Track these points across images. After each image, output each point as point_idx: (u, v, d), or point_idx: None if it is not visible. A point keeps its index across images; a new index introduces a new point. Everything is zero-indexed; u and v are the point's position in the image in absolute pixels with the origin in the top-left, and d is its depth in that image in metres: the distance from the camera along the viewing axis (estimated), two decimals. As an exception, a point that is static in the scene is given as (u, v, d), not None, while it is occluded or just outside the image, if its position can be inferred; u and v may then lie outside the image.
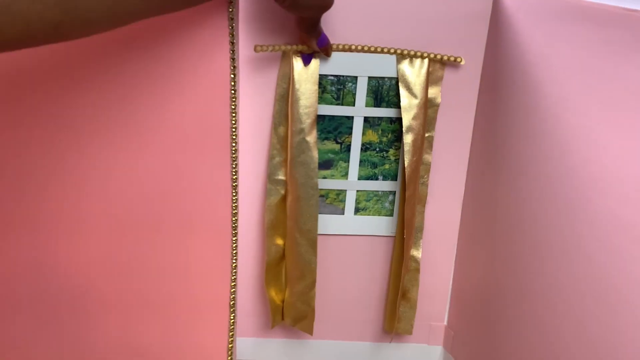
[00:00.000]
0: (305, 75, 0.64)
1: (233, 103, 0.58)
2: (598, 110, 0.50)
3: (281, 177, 0.68)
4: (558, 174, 0.55)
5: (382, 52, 0.64)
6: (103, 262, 0.65)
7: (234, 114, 0.59)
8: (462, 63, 0.65)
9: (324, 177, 0.70)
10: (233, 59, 0.56)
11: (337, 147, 0.69)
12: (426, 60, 0.64)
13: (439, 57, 0.65)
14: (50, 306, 0.66)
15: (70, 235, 0.63)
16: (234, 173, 0.62)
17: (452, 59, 0.65)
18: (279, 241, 0.71)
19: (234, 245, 0.64)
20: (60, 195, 0.62)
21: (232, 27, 0.55)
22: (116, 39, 0.56)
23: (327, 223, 0.71)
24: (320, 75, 0.65)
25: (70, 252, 0.64)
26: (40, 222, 0.63)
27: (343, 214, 0.72)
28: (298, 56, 0.63)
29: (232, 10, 0.54)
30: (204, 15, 0.56)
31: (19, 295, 0.66)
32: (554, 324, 0.56)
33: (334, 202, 0.71)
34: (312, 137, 0.65)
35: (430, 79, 0.65)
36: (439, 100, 0.67)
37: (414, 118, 0.65)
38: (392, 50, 0.64)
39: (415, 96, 0.65)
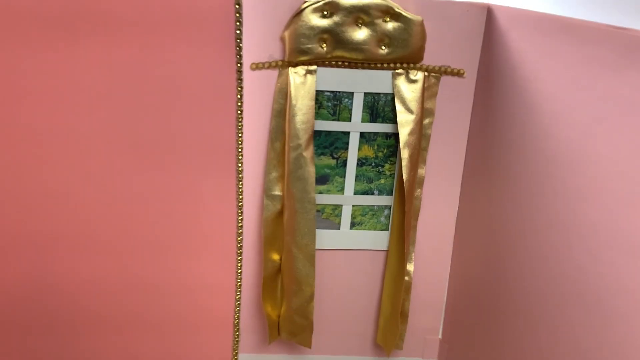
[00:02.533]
0: (303, 91, 0.64)
1: (239, 123, 0.58)
2: (588, 125, 0.51)
3: (277, 192, 0.68)
4: (549, 186, 0.56)
5: (377, 68, 0.65)
6: (106, 280, 0.64)
7: (240, 134, 0.59)
8: (465, 75, 0.66)
9: (320, 192, 0.70)
10: (240, 80, 0.57)
11: (333, 162, 0.69)
12: (422, 76, 0.66)
13: (442, 68, 0.66)
14: (50, 325, 0.65)
15: (71, 253, 0.63)
16: (239, 192, 0.62)
17: (455, 70, 0.66)
18: (275, 256, 0.71)
19: (239, 265, 0.64)
20: (62, 213, 0.62)
21: (239, 47, 0.56)
22: (117, 61, 0.56)
23: (323, 238, 0.72)
24: (316, 91, 0.65)
25: (71, 271, 0.64)
26: (41, 240, 0.62)
27: (339, 228, 0.72)
28: (295, 72, 0.64)
29: (239, 24, 0.55)
30: (209, 32, 0.56)
31: (19, 314, 0.65)
32: (550, 336, 0.57)
33: (330, 217, 0.72)
34: (309, 153, 0.65)
35: (426, 94, 0.66)
36: (433, 115, 0.68)
37: (411, 133, 0.66)
38: (387, 66, 0.65)
39: (411, 111, 0.66)
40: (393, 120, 0.68)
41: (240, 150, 0.60)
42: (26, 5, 0.54)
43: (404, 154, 0.66)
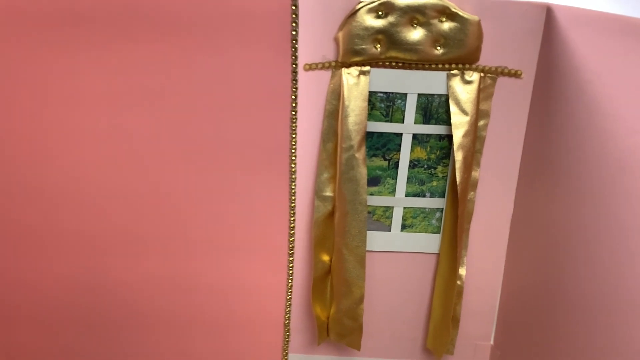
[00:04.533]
0: (355, 92, 0.64)
1: (293, 124, 0.58)
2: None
3: (329, 193, 0.68)
4: (612, 193, 0.54)
5: (432, 68, 0.65)
6: (159, 280, 0.65)
7: (294, 135, 0.59)
8: (523, 76, 0.65)
9: (372, 194, 0.70)
10: (295, 81, 0.57)
11: (385, 163, 0.69)
12: (477, 77, 0.64)
13: (499, 69, 0.64)
14: (104, 325, 0.67)
15: (124, 254, 0.64)
16: (292, 193, 0.62)
17: (512, 71, 0.64)
18: (325, 257, 0.71)
19: (290, 265, 0.65)
20: (117, 213, 0.63)
21: (295, 48, 0.56)
22: (175, 62, 0.57)
23: (374, 239, 0.71)
24: (369, 92, 0.65)
25: (124, 272, 0.65)
26: (94, 241, 0.64)
27: (390, 230, 0.71)
28: (348, 73, 0.64)
29: (295, 25, 0.55)
30: (265, 33, 0.56)
31: (69, 312, 0.67)
32: (608, 345, 0.55)
33: (380, 218, 0.71)
34: (361, 154, 0.65)
35: (481, 96, 0.65)
36: (489, 116, 0.66)
37: (465, 135, 0.65)
38: (441, 67, 0.64)
39: (466, 113, 0.65)
40: (446, 121, 0.67)
41: (293, 150, 0.60)
42: (85, 5, 0.55)
43: (458, 156, 0.65)
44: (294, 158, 0.60)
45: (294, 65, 0.57)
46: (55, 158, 0.61)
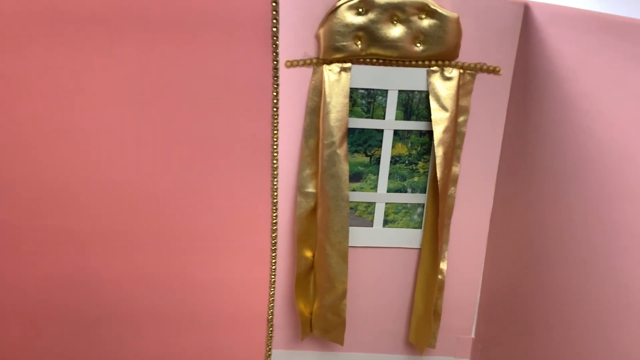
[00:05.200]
0: (337, 89, 0.64)
1: (275, 120, 0.59)
2: (629, 124, 0.50)
3: (311, 189, 0.69)
4: (589, 187, 0.55)
5: (412, 65, 0.65)
6: (141, 277, 0.65)
7: (275, 131, 0.59)
8: (501, 73, 0.65)
9: (353, 190, 0.70)
10: (276, 77, 0.57)
11: (366, 159, 0.69)
12: (457, 73, 0.65)
13: (478, 66, 0.65)
14: (88, 322, 0.67)
15: (107, 251, 0.64)
16: (274, 189, 0.62)
17: (491, 68, 0.65)
18: (308, 253, 0.71)
19: (273, 261, 0.65)
20: (98, 210, 0.63)
21: (276, 45, 0.56)
22: (155, 59, 0.57)
23: (356, 235, 0.72)
24: (351, 88, 0.65)
25: (108, 269, 0.65)
26: (78, 239, 0.64)
27: (372, 226, 0.72)
28: (329, 69, 0.64)
29: (275, 22, 0.55)
30: (246, 30, 0.57)
31: (53, 312, 0.66)
32: (585, 338, 0.56)
33: (362, 214, 0.72)
34: (342, 150, 0.65)
35: (461, 92, 0.66)
36: (468, 112, 0.67)
37: (445, 131, 0.66)
38: (421, 63, 0.65)
39: (445, 109, 0.65)
40: (427, 117, 0.67)
41: (275, 147, 0.60)
42: (67, 4, 0.55)
43: (438, 151, 0.66)
44: (275, 155, 0.61)
45: (275, 62, 0.57)
46: (39, 155, 0.61)
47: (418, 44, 0.64)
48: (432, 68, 0.65)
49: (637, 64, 0.50)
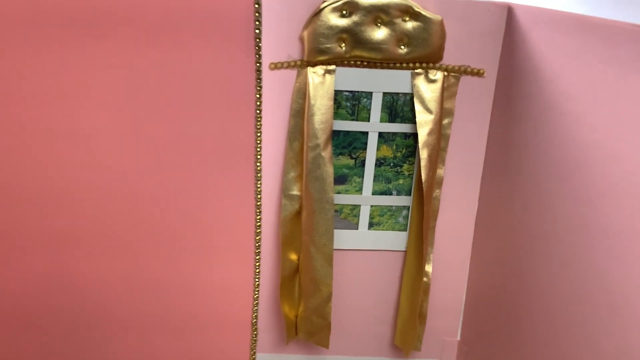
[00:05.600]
0: (321, 91, 0.64)
1: (258, 122, 0.58)
2: (611, 126, 0.51)
3: (295, 192, 0.68)
4: (572, 189, 0.55)
5: (396, 67, 0.65)
6: (123, 280, 0.65)
7: (259, 134, 0.59)
8: (485, 75, 0.66)
9: (338, 192, 0.70)
10: (259, 80, 0.57)
11: (351, 162, 0.69)
12: (441, 75, 0.65)
13: (462, 68, 0.65)
14: (67, 324, 0.66)
15: (88, 253, 0.64)
16: (258, 192, 0.62)
17: (475, 70, 0.65)
18: (293, 256, 0.71)
19: (257, 265, 0.65)
20: (80, 213, 0.62)
21: (259, 47, 0.56)
22: (137, 61, 0.57)
23: (341, 238, 0.72)
24: (335, 90, 0.65)
25: (89, 271, 0.64)
26: (58, 240, 0.63)
27: (357, 228, 0.72)
28: (313, 72, 0.64)
29: (258, 24, 0.55)
30: (229, 32, 0.56)
31: (37, 313, 0.66)
32: (570, 339, 0.56)
33: (348, 217, 0.71)
34: (327, 153, 0.65)
35: (445, 94, 0.66)
36: (453, 115, 0.67)
37: (429, 133, 0.66)
38: (406, 65, 0.65)
39: (430, 111, 0.65)
40: (412, 120, 0.67)
41: (258, 150, 0.60)
42: (46, 5, 0.55)
43: (423, 154, 0.66)
44: (259, 157, 0.60)
45: (258, 64, 0.57)
46: (24, 158, 0.60)
47: (402, 46, 0.64)
48: (416, 70, 0.65)
49: (619, 65, 0.50)
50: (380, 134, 0.68)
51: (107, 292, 0.65)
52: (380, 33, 0.63)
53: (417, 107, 0.66)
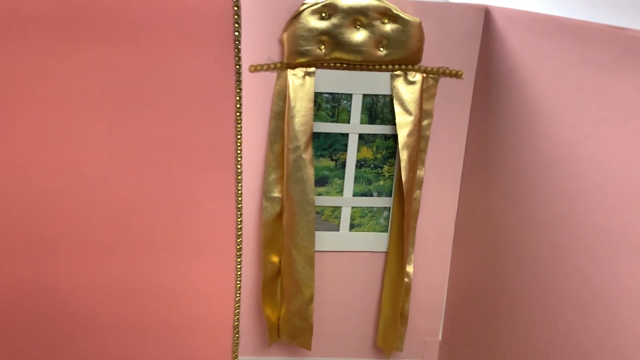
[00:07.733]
0: (301, 93, 0.64)
1: (238, 125, 0.58)
2: (587, 126, 0.51)
3: (277, 194, 0.68)
4: (550, 189, 0.56)
5: (376, 69, 0.65)
6: (104, 283, 0.64)
7: (239, 136, 0.59)
8: (464, 77, 0.66)
9: (319, 194, 0.70)
10: (239, 82, 0.57)
11: (332, 164, 0.69)
12: (420, 77, 0.66)
13: (440, 70, 0.66)
14: (48, 328, 0.65)
15: (68, 256, 0.63)
16: (239, 194, 0.62)
17: (453, 72, 0.66)
18: (274, 258, 0.71)
19: (238, 267, 0.64)
20: (60, 215, 0.62)
21: (238, 49, 0.55)
22: (116, 63, 0.56)
23: (323, 239, 0.72)
24: (315, 92, 0.66)
25: (69, 274, 0.63)
26: (39, 243, 0.62)
27: (338, 230, 0.72)
28: (293, 74, 0.64)
29: (237, 26, 0.55)
30: (208, 34, 0.56)
31: (16, 317, 0.65)
32: (550, 337, 0.57)
33: (329, 218, 0.72)
34: (308, 154, 0.65)
35: (424, 96, 0.66)
36: (432, 116, 0.68)
37: (409, 135, 0.66)
38: (385, 67, 0.65)
39: (409, 113, 0.66)
40: (392, 121, 0.68)
41: (239, 152, 0.60)
42: (24, 6, 0.54)
43: (403, 155, 0.66)
44: (239, 159, 0.60)
45: (238, 67, 0.57)
46: (1, 160, 0.59)
47: (381, 48, 0.64)
48: (395, 72, 0.66)
49: (593, 66, 0.51)
50: (361, 136, 0.68)
51: (87, 296, 0.65)
52: (359, 35, 0.63)
53: (397, 108, 0.66)
